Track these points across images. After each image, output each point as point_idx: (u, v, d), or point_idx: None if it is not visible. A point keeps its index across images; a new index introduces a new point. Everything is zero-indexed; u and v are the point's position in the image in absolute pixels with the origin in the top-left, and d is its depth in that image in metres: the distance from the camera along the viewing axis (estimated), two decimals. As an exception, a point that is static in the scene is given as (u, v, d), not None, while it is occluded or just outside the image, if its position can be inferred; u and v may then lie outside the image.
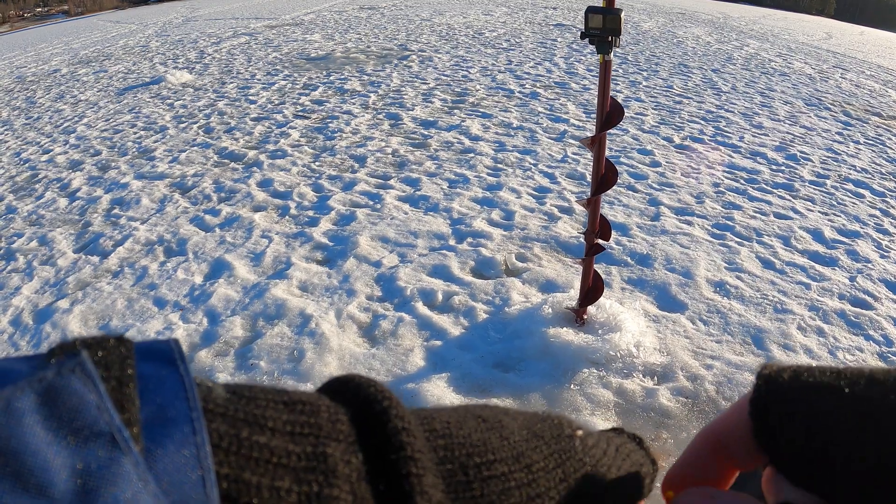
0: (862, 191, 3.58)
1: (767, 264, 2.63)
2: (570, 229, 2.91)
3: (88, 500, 0.15)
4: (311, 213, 3.18)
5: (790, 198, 3.41)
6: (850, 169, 3.98)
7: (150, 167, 4.07)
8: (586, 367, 1.88)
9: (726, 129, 4.72)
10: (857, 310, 2.31)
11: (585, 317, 2.05)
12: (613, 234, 2.42)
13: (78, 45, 12.59)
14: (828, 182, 3.70)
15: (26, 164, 4.44)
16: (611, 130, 1.75)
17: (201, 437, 0.17)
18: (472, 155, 3.99)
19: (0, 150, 4.96)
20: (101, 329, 2.25)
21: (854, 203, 3.39)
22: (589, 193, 1.86)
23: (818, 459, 0.28)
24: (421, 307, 2.27)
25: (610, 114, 1.69)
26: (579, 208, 3.13)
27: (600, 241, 1.91)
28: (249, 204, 3.34)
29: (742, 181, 3.63)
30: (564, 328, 2.01)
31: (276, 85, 6.32)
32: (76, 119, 5.67)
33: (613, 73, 1.69)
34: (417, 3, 14.80)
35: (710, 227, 2.98)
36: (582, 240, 2.09)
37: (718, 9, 18.02)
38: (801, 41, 11.83)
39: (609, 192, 1.99)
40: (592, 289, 1.99)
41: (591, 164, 1.81)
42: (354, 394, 0.25)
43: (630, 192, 3.39)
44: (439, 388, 1.81)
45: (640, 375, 1.88)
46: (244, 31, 11.21)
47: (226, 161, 4.10)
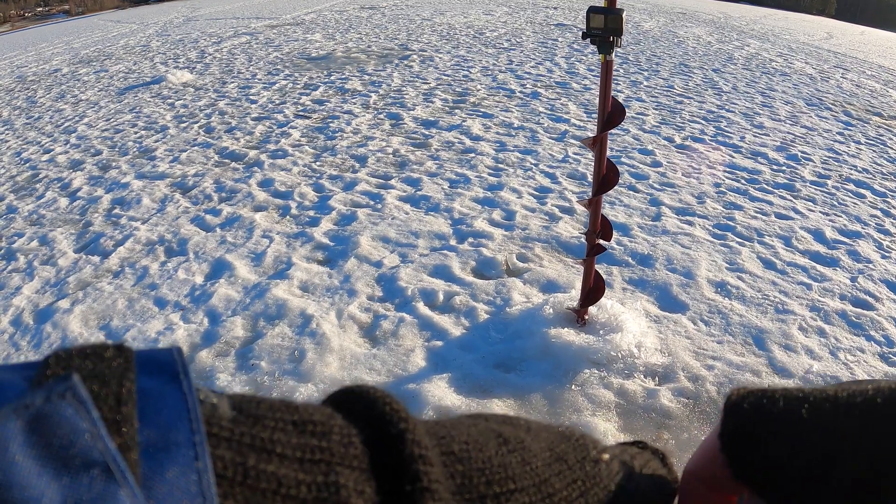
0: (863, 191, 3.58)
1: (768, 265, 2.63)
2: (572, 229, 2.91)
3: None
4: (311, 212, 3.18)
5: (791, 198, 3.41)
6: (851, 169, 3.97)
7: (151, 167, 4.07)
8: (587, 367, 1.88)
9: (727, 129, 4.71)
10: (859, 310, 2.30)
11: (586, 317, 2.05)
12: (614, 235, 2.42)
13: (79, 44, 12.60)
14: (829, 182, 3.69)
15: (27, 164, 4.44)
16: (612, 130, 1.75)
17: (204, 464, 0.16)
18: (473, 155, 3.99)
19: (1, 149, 4.96)
20: (101, 330, 2.25)
21: (855, 203, 3.39)
22: (590, 193, 1.86)
23: (790, 483, 0.29)
24: (422, 307, 2.26)
25: (611, 114, 1.68)
26: (580, 208, 3.12)
27: (602, 242, 1.91)
28: (250, 204, 3.34)
29: (743, 181, 3.62)
30: (565, 328, 2.01)
31: (277, 84, 6.32)
32: (77, 119, 5.67)
33: (614, 72, 1.69)
34: (418, 3, 14.80)
35: (711, 228, 2.97)
36: (583, 240, 2.09)
37: (719, 9, 18.01)
38: (802, 41, 11.82)
39: (610, 192, 1.98)
40: (593, 289, 1.99)
41: (592, 164, 1.80)
42: (368, 411, 0.24)
43: (631, 193, 3.39)
44: (440, 389, 1.80)
45: (642, 376, 1.88)
46: (245, 31, 11.21)
47: (227, 161, 4.10)
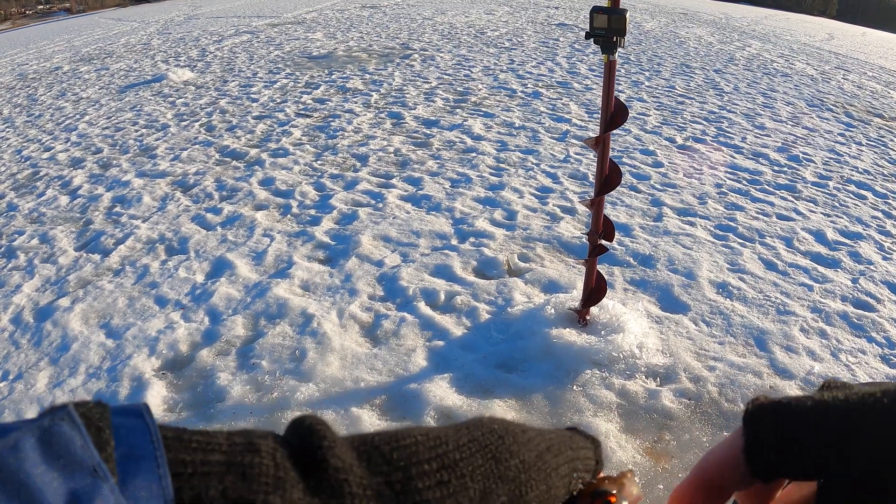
0: (864, 192, 3.58)
1: (770, 266, 2.63)
2: (573, 230, 2.91)
3: None
4: (312, 211, 3.17)
5: (793, 199, 3.41)
6: (853, 170, 3.97)
7: (152, 165, 4.06)
8: (589, 368, 1.88)
9: (728, 129, 4.71)
10: (860, 312, 2.30)
11: (588, 317, 2.04)
12: (616, 235, 2.41)
13: (80, 42, 12.59)
14: (830, 183, 3.69)
15: (28, 162, 4.43)
16: (613, 131, 1.75)
17: (164, 470, 0.22)
18: (474, 154, 3.98)
19: (1, 147, 4.96)
20: (102, 328, 2.24)
21: (856, 205, 3.39)
22: (592, 194, 1.85)
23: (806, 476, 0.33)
24: (423, 307, 2.26)
25: (615, 114, 1.68)
26: (581, 208, 3.12)
27: (604, 242, 1.90)
28: (251, 202, 3.34)
29: (744, 182, 3.62)
30: (567, 329, 2.00)
31: (278, 83, 6.32)
32: (78, 117, 5.67)
33: (616, 72, 1.68)
34: (419, 2, 14.79)
35: (712, 228, 2.97)
36: (584, 240, 2.09)
37: (720, 9, 18.00)
38: (803, 42, 11.81)
39: (612, 192, 1.98)
40: (595, 289, 1.98)
41: (594, 164, 1.80)
42: (292, 429, 0.29)
43: (633, 193, 3.39)
44: (442, 389, 1.80)
45: (643, 377, 1.88)
46: (246, 30, 11.20)
47: (227, 159, 4.10)
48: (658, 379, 1.88)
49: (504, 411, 1.72)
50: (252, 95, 5.87)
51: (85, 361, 2.04)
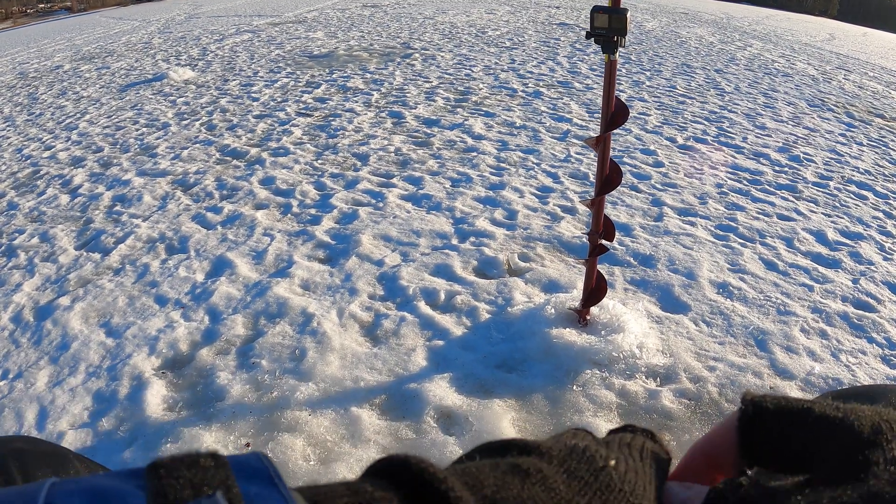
0: (865, 193, 3.57)
1: (770, 266, 2.63)
2: (574, 229, 2.91)
3: None
4: (313, 211, 3.17)
5: (793, 199, 3.40)
6: (854, 171, 3.96)
7: (152, 164, 4.06)
8: (589, 368, 1.88)
9: (729, 129, 4.70)
10: (860, 312, 2.30)
11: (588, 317, 2.04)
12: (617, 235, 2.41)
13: (80, 41, 12.59)
14: (831, 184, 3.68)
15: (28, 161, 4.43)
16: (614, 130, 1.75)
17: None
18: (474, 154, 3.98)
19: (2, 146, 4.96)
20: (102, 327, 2.24)
21: (857, 205, 3.38)
22: (592, 193, 1.85)
23: (788, 463, 0.37)
24: (423, 307, 2.26)
25: (615, 114, 1.68)
26: (582, 208, 3.12)
27: (604, 242, 1.90)
28: (251, 201, 3.34)
29: (745, 182, 3.62)
30: (567, 329, 2.00)
31: (279, 82, 6.31)
32: (78, 115, 5.67)
33: (616, 72, 1.68)
34: (420, 1, 14.78)
35: (713, 228, 2.97)
36: (585, 240, 2.08)
37: (721, 9, 17.98)
38: (805, 42, 11.80)
39: (612, 192, 1.98)
40: (595, 289, 1.98)
41: (594, 163, 1.80)
42: (410, 477, 0.28)
43: (633, 193, 3.38)
44: (441, 389, 1.80)
45: (643, 377, 1.88)
46: (247, 29, 11.19)
47: (228, 158, 4.10)
48: (658, 379, 1.88)
49: (504, 411, 1.72)
50: (253, 94, 5.87)
51: (85, 360, 2.04)
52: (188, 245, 2.85)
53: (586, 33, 1.58)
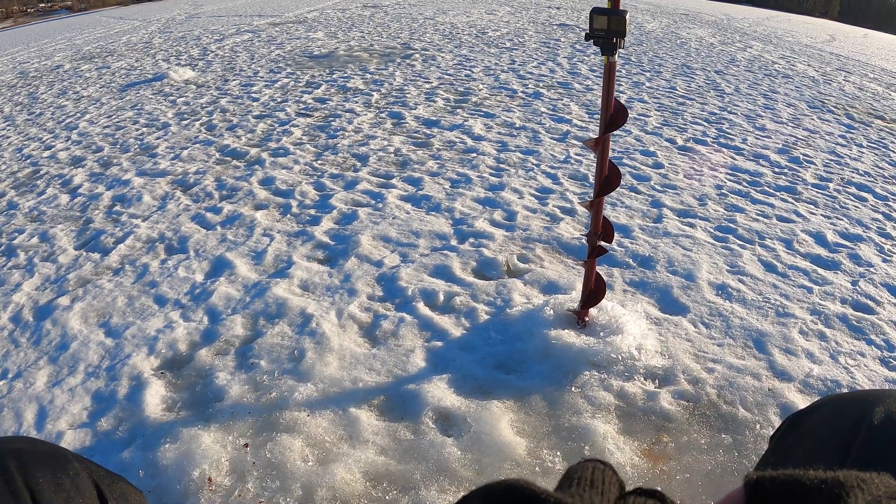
0: (864, 194, 3.57)
1: (770, 267, 2.63)
2: (573, 230, 2.91)
3: None
4: (312, 211, 3.18)
5: (793, 201, 3.41)
6: (853, 172, 3.97)
7: (152, 164, 4.07)
8: (587, 369, 1.88)
9: (729, 131, 4.70)
10: (860, 314, 2.30)
11: (587, 319, 2.04)
12: (616, 236, 2.41)
13: (81, 41, 12.59)
14: (830, 185, 3.69)
15: (28, 160, 4.44)
16: (613, 132, 1.75)
17: None
18: (474, 155, 3.98)
19: (2, 145, 4.96)
20: (101, 327, 2.24)
21: (857, 207, 3.39)
22: (591, 194, 1.85)
23: None
24: (422, 307, 2.26)
25: (614, 115, 1.68)
26: (581, 209, 3.12)
27: (603, 243, 1.90)
28: (251, 202, 3.34)
29: (745, 184, 3.62)
30: (566, 330, 2.00)
31: (279, 82, 6.32)
32: (78, 115, 5.67)
33: (616, 73, 1.68)
34: (421, 2, 14.78)
35: (712, 230, 2.97)
36: (584, 241, 2.09)
37: (722, 10, 17.99)
38: (805, 43, 11.81)
39: (612, 193, 1.98)
40: (594, 291, 1.98)
41: (594, 165, 1.80)
42: None
43: (632, 194, 3.39)
44: (440, 389, 1.80)
45: (642, 378, 1.88)
46: (247, 29, 11.20)
47: (228, 158, 4.10)
48: (657, 381, 1.88)
49: (502, 412, 1.72)
50: (253, 94, 5.87)
51: (84, 360, 2.04)
52: (188, 245, 2.85)
53: (585, 35, 1.58)
